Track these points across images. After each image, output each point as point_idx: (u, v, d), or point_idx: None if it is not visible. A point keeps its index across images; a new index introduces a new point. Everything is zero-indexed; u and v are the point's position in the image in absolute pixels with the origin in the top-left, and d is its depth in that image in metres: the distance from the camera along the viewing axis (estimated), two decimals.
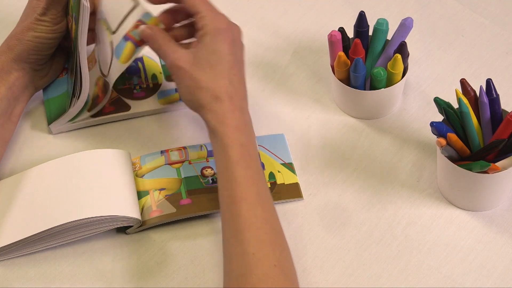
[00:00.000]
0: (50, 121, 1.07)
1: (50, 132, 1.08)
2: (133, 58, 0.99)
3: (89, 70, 1.02)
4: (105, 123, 1.09)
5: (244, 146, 0.91)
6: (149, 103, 1.09)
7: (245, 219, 0.87)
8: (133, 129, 1.09)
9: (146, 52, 1.07)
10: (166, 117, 1.10)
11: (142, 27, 0.97)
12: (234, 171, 0.90)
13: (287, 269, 0.87)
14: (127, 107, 1.09)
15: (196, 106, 0.95)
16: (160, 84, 1.11)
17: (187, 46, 0.97)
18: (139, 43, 0.99)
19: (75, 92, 1.03)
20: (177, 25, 1.01)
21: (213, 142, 0.94)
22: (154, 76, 1.10)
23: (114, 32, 1.00)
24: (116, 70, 1.02)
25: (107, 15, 1.00)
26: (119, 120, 1.09)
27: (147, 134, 1.08)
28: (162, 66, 1.13)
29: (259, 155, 0.94)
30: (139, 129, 1.09)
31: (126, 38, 0.99)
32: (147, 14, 0.97)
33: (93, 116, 1.07)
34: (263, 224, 0.87)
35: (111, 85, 1.05)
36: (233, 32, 0.97)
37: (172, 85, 1.11)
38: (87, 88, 1.02)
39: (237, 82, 0.94)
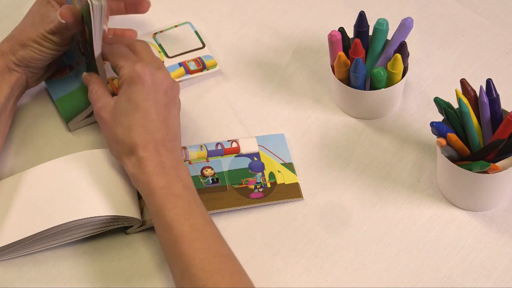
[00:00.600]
0: (67, 119, 1.08)
1: (68, 130, 1.08)
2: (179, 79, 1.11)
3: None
4: None
5: (164, 188, 0.91)
6: None
7: (187, 256, 0.87)
8: None
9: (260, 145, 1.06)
10: None
11: (85, 74, 1.04)
12: (163, 216, 0.90)
13: None
14: None
15: (116, 156, 0.97)
16: (277, 184, 1.04)
17: None
18: (191, 72, 1.11)
19: None
20: None
21: (139, 191, 0.95)
22: (272, 175, 1.04)
23: (169, 57, 1.13)
24: None
25: (163, 42, 1.15)
26: None
27: None
28: (159, 45, 1.13)
29: (194, 189, 0.94)
30: None
31: (181, 64, 1.12)
32: (209, 56, 1.13)
33: None
34: (206, 255, 0.87)
35: None
36: (150, 76, 0.97)
37: (175, 61, 1.12)
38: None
39: (154, 128, 0.95)
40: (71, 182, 0.98)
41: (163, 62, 1.12)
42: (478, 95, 0.96)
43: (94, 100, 1.00)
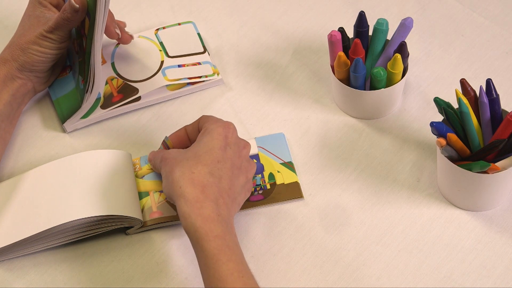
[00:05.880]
0: (63, 119, 1.08)
1: (64, 131, 1.08)
2: (179, 82, 1.11)
3: None
4: (115, 116, 1.09)
5: (220, 238, 0.87)
6: (155, 82, 1.09)
7: None
8: (134, 129, 1.09)
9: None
10: (167, 116, 1.10)
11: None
12: (215, 267, 0.85)
13: None
14: (135, 91, 1.09)
15: (170, 191, 0.91)
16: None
17: None
18: (190, 78, 1.11)
19: (88, 87, 1.04)
20: None
21: (187, 232, 0.89)
22: (271, 176, 1.03)
23: (169, 56, 1.13)
24: (156, 82, 1.10)
25: (165, 40, 1.15)
26: (128, 112, 1.10)
27: (148, 133, 1.08)
28: (161, 43, 1.13)
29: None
30: (140, 129, 1.09)
31: (180, 66, 1.12)
32: (208, 62, 1.13)
33: (103, 107, 1.08)
34: None
35: (144, 91, 1.09)
36: (228, 131, 0.95)
37: (174, 61, 1.12)
38: (99, 83, 1.03)
39: (218, 176, 0.91)
40: (71, 182, 0.98)
41: (163, 61, 1.12)
42: (478, 95, 0.96)
43: (161, 152, 0.97)
